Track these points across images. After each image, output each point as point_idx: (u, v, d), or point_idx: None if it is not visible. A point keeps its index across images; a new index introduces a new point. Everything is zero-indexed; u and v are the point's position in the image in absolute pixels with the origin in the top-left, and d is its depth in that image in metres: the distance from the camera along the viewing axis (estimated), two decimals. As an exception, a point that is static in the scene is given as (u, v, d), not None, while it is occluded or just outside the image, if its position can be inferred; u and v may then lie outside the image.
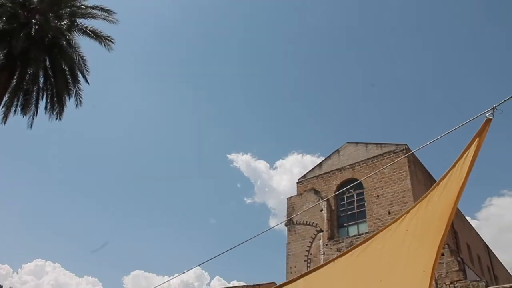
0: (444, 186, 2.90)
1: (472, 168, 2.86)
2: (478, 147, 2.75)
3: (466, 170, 2.84)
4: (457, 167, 2.84)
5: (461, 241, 35.67)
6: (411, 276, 3.64)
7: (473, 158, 2.82)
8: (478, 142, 2.73)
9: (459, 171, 2.86)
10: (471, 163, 2.84)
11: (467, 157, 2.80)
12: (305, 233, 33.00)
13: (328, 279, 3.42)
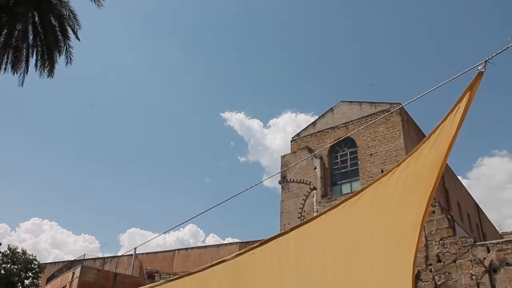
0: (435, 140, 2.90)
1: (463, 121, 2.85)
2: (469, 101, 2.72)
3: (457, 124, 2.83)
4: (448, 121, 2.83)
5: (452, 200, 36.28)
6: (401, 229, 3.70)
7: (464, 111, 2.80)
8: (470, 96, 2.71)
9: (449, 124, 2.84)
10: (462, 117, 2.82)
11: (458, 111, 2.78)
12: (298, 191, 33.42)
13: (320, 231, 3.47)
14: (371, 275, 4.35)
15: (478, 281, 24.96)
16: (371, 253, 3.96)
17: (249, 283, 4.25)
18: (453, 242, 26.49)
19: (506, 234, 46.27)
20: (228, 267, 3.79)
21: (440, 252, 26.59)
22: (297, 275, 4.09)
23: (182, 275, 4.11)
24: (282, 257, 3.73)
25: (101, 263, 40.57)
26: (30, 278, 34.02)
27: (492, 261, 24.90)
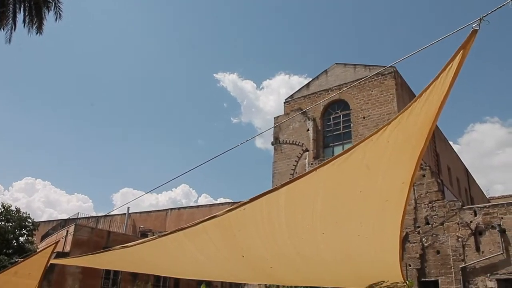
0: (426, 99, 2.90)
1: (455, 81, 2.84)
2: (462, 59, 2.71)
3: (449, 83, 2.82)
4: (440, 80, 2.82)
5: (442, 164, 36.66)
6: (390, 188, 3.74)
7: (457, 70, 2.79)
8: (463, 54, 2.69)
9: (441, 83, 2.84)
10: (454, 76, 2.81)
11: (451, 70, 2.76)
12: (291, 152, 33.61)
13: (310, 188, 3.51)
14: (360, 233, 4.45)
15: (464, 243, 25.59)
16: (360, 211, 4.03)
17: (240, 239, 4.33)
18: (442, 206, 26.99)
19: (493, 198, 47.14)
20: (219, 223, 3.84)
21: (429, 215, 27.12)
22: (288, 232, 4.17)
23: (174, 230, 4.17)
24: (273, 214, 3.79)
25: (94, 222, 41.02)
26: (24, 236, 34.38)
27: (478, 224, 25.46)
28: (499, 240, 24.51)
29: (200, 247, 4.60)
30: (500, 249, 24.32)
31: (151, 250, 4.93)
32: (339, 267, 5.34)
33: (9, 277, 6.57)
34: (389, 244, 4.57)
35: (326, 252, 4.73)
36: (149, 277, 27.89)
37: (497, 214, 25.16)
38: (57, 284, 24.68)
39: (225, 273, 6.32)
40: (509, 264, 23.97)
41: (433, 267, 25.93)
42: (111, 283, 26.70)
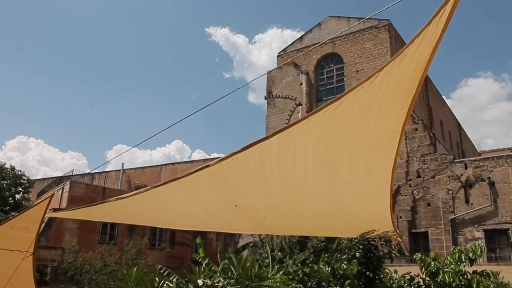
0: (418, 45, 2.87)
1: (447, 26, 2.80)
2: (456, 3, 2.67)
3: (441, 28, 2.78)
4: (432, 25, 2.78)
5: (435, 118, 36.78)
6: (381, 136, 3.76)
7: (449, 15, 2.74)
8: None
9: (434, 29, 2.80)
10: (447, 21, 2.76)
11: (443, 14, 2.72)
12: (284, 106, 33.54)
13: (301, 137, 3.52)
14: (351, 182, 4.51)
15: (454, 195, 26.11)
16: (351, 160, 4.07)
17: (233, 188, 4.38)
18: (433, 159, 27.33)
19: (484, 152, 47.69)
20: (212, 173, 3.87)
21: (420, 168, 27.49)
22: (280, 181, 4.22)
23: (168, 181, 4.21)
24: (265, 163, 3.82)
25: (89, 179, 41.26)
26: (20, 193, 34.58)
27: (469, 177, 25.90)
28: (488, 192, 25.01)
29: (193, 197, 4.66)
30: (489, 201, 24.86)
31: (146, 202, 4.99)
32: (331, 216, 5.44)
33: (6, 230, 6.64)
34: (380, 193, 4.65)
35: (318, 201, 4.81)
36: (145, 231, 28.36)
37: (487, 167, 25.56)
38: (55, 239, 25.07)
39: (219, 223, 6.43)
40: (497, 215, 24.57)
41: (423, 219, 26.54)
42: (108, 238, 27.16)
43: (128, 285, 6.39)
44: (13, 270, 7.29)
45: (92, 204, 5.53)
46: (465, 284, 6.75)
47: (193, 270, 6.40)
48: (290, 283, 6.94)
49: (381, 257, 6.87)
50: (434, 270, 6.83)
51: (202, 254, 13.73)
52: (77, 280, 21.19)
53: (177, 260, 28.28)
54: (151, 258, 23.22)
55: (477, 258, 7.12)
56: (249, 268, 6.30)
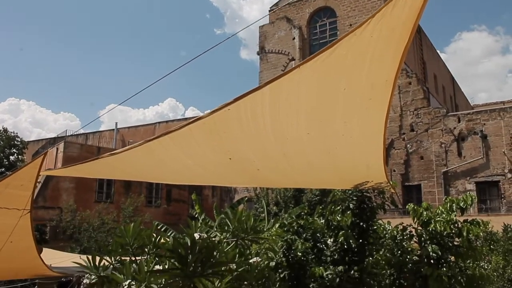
0: (412, -11, 2.80)
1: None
2: None
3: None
4: (427, -30, 2.71)
5: (429, 72, 36.62)
6: (374, 85, 3.73)
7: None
8: None
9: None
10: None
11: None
12: (277, 61, 33.20)
13: (294, 86, 3.48)
14: (344, 133, 4.50)
15: (446, 148, 26.35)
16: (344, 110, 4.05)
17: (226, 141, 4.37)
18: (427, 113, 27.39)
19: (477, 106, 47.82)
20: (204, 125, 3.85)
21: (414, 122, 27.59)
22: (273, 132, 4.21)
23: (160, 134, 4.19)
24: (258, 114, 3.79)
25: (83, 139, 41.20)
26: (14, 155, 34.56)
27: (461, 131, 26.07)
28: (480, 145, 25.25)
29: (187, 151, 4.66)
30: (481, 154, 25.14)
31: (139, 157, 4.98)
32: (324, 168, 5.47)
33: (1, 189, 6.66)
34: (374, 144, 4.66)
35: (312, 152, 4.83)
36: (141, 189, 28.62)
37: (480, 121, 25.70)
38: (52, 199, 25.26)
39: (213, 177, 6.46)
40: (488, 168, 24.91)
41: (416, 172, 26.88)
42: (105, 196, 27.39)
43: (126, 241, 6.49)
44: (11, 228, 7.37)
45: (86, 161, 5.53)
46: (455, 232, 6.91)
47: (190, 224, 6.49)
48: (285, 235, 7.06)
49: (374, 208, 6.97)
50: (426, 219, 6.96)
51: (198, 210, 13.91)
52: (76, 238, 21.52)
53: (174, 217, 28.68)
54: (148, 215, 23.54)
55: (468, 208, 7.25)
56: (245, 221, 6.39)
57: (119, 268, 5.89)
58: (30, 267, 9.85)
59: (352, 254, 6.76)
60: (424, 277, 6.67)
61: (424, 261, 6.85)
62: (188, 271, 4.80)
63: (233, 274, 6.06)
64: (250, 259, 6.70)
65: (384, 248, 7.46)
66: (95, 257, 6.28)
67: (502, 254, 12.61)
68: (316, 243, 7.20)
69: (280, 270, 6.81)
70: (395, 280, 7.30)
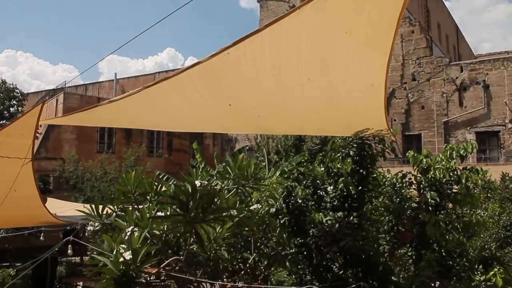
0: None
1: None
2: None
3: None
4: None
5: (432, 20, 35.89)
6: (376, 29, 3.64)
7: None
8: None
9: None
10: None
11: None
12: (277, 9, 32.50)
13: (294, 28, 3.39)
14: (345, 79, 4.44)
15: (448, 98, 26.20)
16: (345, 55, 3.97)
17: (225, 86, 4.32)
18: (429, 62, 27.04)
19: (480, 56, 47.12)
20: (203, 70, 3.78)
21: (416, 71, 27.29)
22: (273, 77, 4.14)
23: (159, 80, 4.13)
24: (257, 59, 3.72)
25: (83, 90, 40.98)
26: (14, 106, 34.51)
27: (464, 80, 25.82)
28: (482, 95, 25.10)
29: (186, 97, 4.61)
30: (482, 104, 25.04)
31: (138, 104, 4.94)
32: (325, 115, 5.44)
33: (2, 138, 6.67)
34: (375, 90, 4.60)
35: (312, 98, 4.78)
36: (142, 139, 28.76)
37: (483, 70, 25.41)
38: (54, 150, 25.43)
39: (213, 124, 6.45)
40: (489, 118, 24.88)
41: (417, 121, 26.87)
42: (106, 147, 27.55)
43: (128, 188, 6.57)
44: (14, 177, 7.45)
45: (85, 109, 5.50)
46: (454, 179, 6.96)
47: (191, 172, 6.54)
48: (285, 182, 7.12)
49: (374, 155, 6.98)
50: (426, 167, 6.99)
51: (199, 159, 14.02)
52: (79, 188, 21.81)
53: (175, 166, 28.96)
54: (149, 165, 23.76)
55: (467, 155, 7.27)
56: (245, 168, 6.43)
57: (122, 215, 5.99)
58: (35, 215, 10.04)
59: (351, 200, 6.84)
60: (422, 223, 6.77)
61: (422, 207, 6.94)
62: (189, 217, 4.88)
63: (234, 220, 6.18)
64: (251, 206, 6.80)
65: (383, 195, 7.55)
66: (98, 206, 6.38)
67: (499, 201, 12.81)
68: (316, 190, 7.27)
69: (280, 216, 6.92)
70: (393, 226, 7.43)
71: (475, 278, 6.71)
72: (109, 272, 4.38)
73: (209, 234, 5.64)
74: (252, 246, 6.71)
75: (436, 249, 6.82)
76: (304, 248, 6.91)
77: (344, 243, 6.28)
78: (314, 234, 6.67)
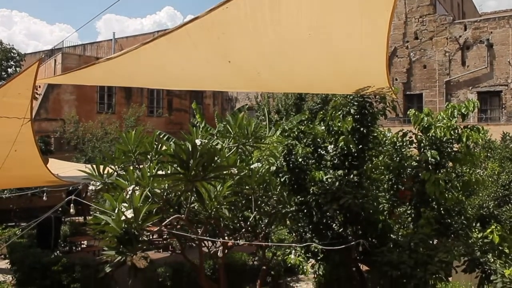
0: None
1: None
2: None
3: None
4: None
5: (437, -24, 34.90)
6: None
7: None
8: None
9: None
10: None
11: None
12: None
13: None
14: (347, 34, 4.35)
15: (450, 57, 25.84)
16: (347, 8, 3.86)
17: (225, 42, 4.22)
18: (432, 20, 26.52)
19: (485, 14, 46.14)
20: (201, 25, 3.69)
21: (418, 30, 26.82)
22: (273, 33, 4.05)
23: (156, 37, 4.04)
24: (257, 13, 3.62)
25: (81, 50, 40.48)
26: (12, 67, 34.20)
27: (467, 39, 25.39)
28: (485, 54, 24.74)
29: (185, 54, 4.53)
30: (485, 64, 24.72)
31: (137, 61, 4.85)
32: (326, 72, 5.35)
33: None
34: (376, 47, 4.51)
35: (313, 55, 4.68)
36: (142, 99, 28.64)
37: (487, 29, 24.95)
38: (54, 111, 25.38)
39: (213, 82, 6.37)
40: (491, 77, 24.62)
41: (418, 81, 26.63)
42: (106, 107, 27.46)
43: (128, 148, 6.57)
44: (14, 137, 7.42)
45: (83, 67, 5.41)
46: (455, 138, 6.93)
47: (191, 131, 6.53)
48: (285, 141, 7.12)
49: (375, 114, 6.94)
50: (427, 125, 6.95)
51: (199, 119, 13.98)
52: (80, 148, 21.86)
53: (175, 126, 28.94)
54: (150, 124, 23.77)
55: (468, 115, 7.22)
56: (246, 126, 6.42)
57: (123, 174, 6.01)
58: (37, 176, 10.09)
59: (352, 159, 6.85)
60: (422, 181, 6.80)
61: (422, 166, 6.94)
62: (190, 175, 4.89)
63: (235, 179, 6.21)
64: (251, 165, 6.83)
65: (384, 154, 7.56)
66: (100, 166, 6.40)
67: (499, 161, 12.83)
68: (317, 148, 7.27)
69: (281, 174, 6.95)
70: (393, 185, 7.48)
71: (472, 235, 6.79)
72: (112, 230, 4.43)
73: (209, 192, 5.68)
74: (253, 205, 6.78)
75: (435, 207, 6.88)
76: (304, 206, 6.98)
77: (344, 201, 6.33)
78: (314, 192, 6.71)
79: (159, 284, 9.77)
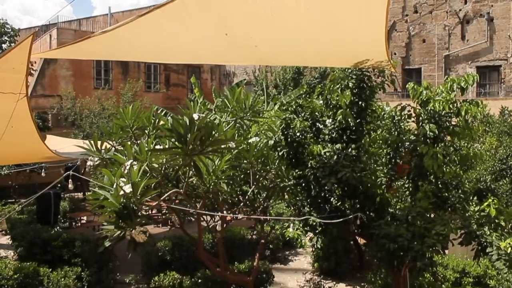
0: None
1: None
2: None
3: None
4: None
5: None
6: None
7: None
8: None
9: None
10: None
11: None
12: None
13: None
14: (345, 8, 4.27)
15: (450, 31, 25.61)
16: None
17: (221, 14, 4.15)
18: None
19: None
20: None
21: (418, 3, 26.49)
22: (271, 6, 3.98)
23: (152, 9, 3.97)
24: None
25: (77, 25, 39.97)
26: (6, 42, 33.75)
27: (467, 13, 25.10)
28: (485, 28, 24.50)
29: (181, 27, 4.46)
30: (485, 38, 24.50)
31: (133, 34, 4.78)
32: (324, 45, 5.29)
33: (-6, 73, 6.52)
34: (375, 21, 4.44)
35: (311, 28, 4.61)
36: (139, 74, 28.43)
37: (488, 2, 24.65)
38: (51, 87, 25.20)
39: (210, 55, 6.30)
40: (491, 52, 24.44)
41: (417, 55, 26.45)
42: (103, 83, 27.25)
43: (126, 123, 6.54)
44: (10, 113, 7.36)
45: (79, 40, 5.33)
46: (454, 112, 6.90)
47: (189, 106, 6.48)
48: (283, 115, 7.09)
49: (373, 87, 6.90)
50: (426, 99, 6.91)
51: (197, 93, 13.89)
52: (78, 124, 21.78)
53: (173, 101, 28.81)
54: (147, 99, 23.61)
55: (468, 89, 7.17)
56: (243, 100, 6.37)
57: (121, 149, 5.99)
58: (35, 152, 10.06)
59: (350, 132, 6.84)
60: (420, 155, 6.79)
61: (420, 140, 6.93)
62: (187, 150, 4.87)
63: (233, 153, 6.20)
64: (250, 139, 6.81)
65: (382, 128, 7.54)
66: (97, 141, 6.38)
67: (497, 135, 12.85)
68: (315, 122, 7.25)
69: (279, 148, 6.94)
70: (391, 159, 7.48)
71: (469, 208, 6.82)
72: (110, 205, 4.44)
73: (208, 166, 5.67)
74: (251, 179, 6.79)
75: (432, 181, 6.90)
76: (302, 180, 6.99)
77: (342, 174, 6.34)
78: (313, 166, 6.72)
79: (159, 258, 9.86)
